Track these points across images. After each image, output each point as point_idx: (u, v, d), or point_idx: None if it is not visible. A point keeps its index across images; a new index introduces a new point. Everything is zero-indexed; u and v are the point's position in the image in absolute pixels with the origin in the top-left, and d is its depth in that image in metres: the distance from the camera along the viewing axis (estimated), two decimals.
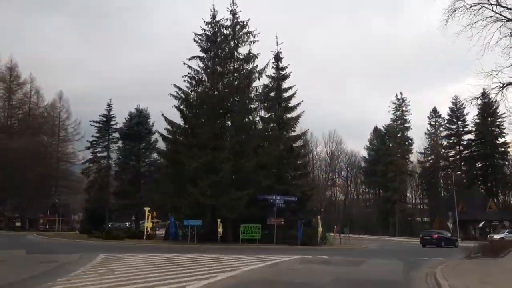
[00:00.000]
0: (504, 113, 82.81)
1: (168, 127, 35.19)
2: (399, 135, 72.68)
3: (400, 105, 72.97)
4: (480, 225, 64.82)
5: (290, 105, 36.47)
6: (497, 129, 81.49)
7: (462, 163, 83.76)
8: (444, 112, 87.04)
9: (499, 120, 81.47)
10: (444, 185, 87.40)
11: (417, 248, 37.39)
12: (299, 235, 33.01)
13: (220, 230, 30.85)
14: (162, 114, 34.95)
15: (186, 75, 34.77)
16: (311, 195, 38.13)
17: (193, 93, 35.02)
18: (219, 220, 30.80)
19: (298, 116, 36.13)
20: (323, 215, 64.77)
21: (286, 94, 36.56)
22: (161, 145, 39.33)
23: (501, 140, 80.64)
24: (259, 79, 34.11)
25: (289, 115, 36.56)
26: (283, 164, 35.64)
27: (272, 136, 34.93)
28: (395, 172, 69.96)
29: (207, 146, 32.44)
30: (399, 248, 37.15)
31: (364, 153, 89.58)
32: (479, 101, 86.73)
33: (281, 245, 32.06)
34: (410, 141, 73.58)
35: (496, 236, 46.08)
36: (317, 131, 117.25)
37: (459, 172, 77.16)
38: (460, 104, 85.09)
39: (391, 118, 74.09)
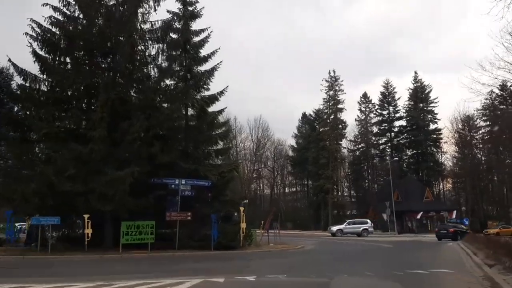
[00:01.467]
0: (436, 97, 79.75)
1: (21, 80, 23.20)
2: (332, 116, 65.05)
3: (333, 84, 65.40)
4: (419, 216, 58.96)
5: (201, 53, 25.97)
6: (429, 115, 77.38)
7: (394, 151, 78.64)
8: (376, 98, 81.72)
9: (432, 105, 77.61)
10: (375, 175, 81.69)
11: (372, 247, 29.00)
12: (212, 235, 22.84)
13: (88, 231, 19.59)
14: (10, 60, 22.92)
15: (48, 4, 23.11)
16: (231, 179, 27.91)
17: (59, 31, 23.35)
18: (86, 216, 19.58)
19: (213, 70, 25.73)
20: (247, 209, 55.72)
21: (196, 39, 26.01)
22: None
23: (433, 126, 76.68)
24: (155, 9, 23.30)
25: (200, 68, 26.10)
26: (191, 133, 25.09)
27: (174, 92, 24.15)
28: (328, 159, 62.31)
29: (72, 104, 21.23)
30: (347, 248, 28.40)
31: (292, 142, 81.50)
32: (411, 85, 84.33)
33: (187, 250, 21.73)
34: (343, 124, 66.25)
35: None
36: (242, 120, 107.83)
37: (396, 158, 71.29)
38: (392, 88, 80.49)
39: (323, 98, 66.26)
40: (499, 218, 63.23)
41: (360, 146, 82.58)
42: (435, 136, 76.20)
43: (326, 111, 66.40)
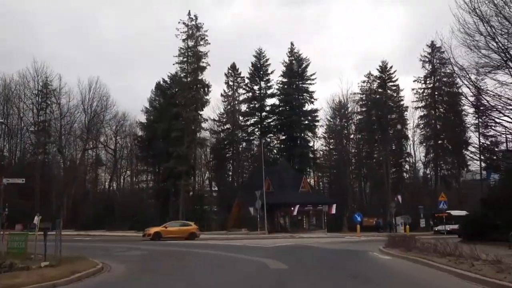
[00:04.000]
0: (314, 73, 69.50)
1: None
2: (190, 77, 49.18)
3: (193, 31, 49.46)
4: (295, 211, 46.39)
5: None
6: (305, 94, 66.55)
7: (264, 134, 66.14)
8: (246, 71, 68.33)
9: (308, 82, 66.90)
10: (241, 162, 68.08)
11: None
12: None
13: None
14: None
15: None
16: None
17: None
18: None
19: None
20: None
21: None
22: None
23: (309, 107, 66.07)
24: None
25: None
26: None
27: None
28: (182, 131, 46.51)
29: None
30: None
31: (142, 118, 63.43)
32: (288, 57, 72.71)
33: None
34: (207, 88, 50.53)
35: None
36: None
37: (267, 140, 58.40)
38: (265, 59, 67.85)
39: (179, 49, 49.58)
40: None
41: (225, 127, 68.41)
42: (310, 118, 65.62)
43: (183, 67, 49.98)
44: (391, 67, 67.49)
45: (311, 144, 67.51)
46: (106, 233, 37.60)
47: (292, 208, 46.63)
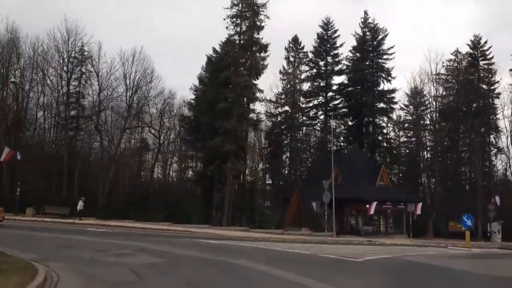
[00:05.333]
0: (392, 46, 58.75)
1: None
2: (244, 35, 40.20)
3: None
4: (372, 209, 36.29)
5: None
6: (382, 73, 55.93)
7: (329, 118, 56.32)
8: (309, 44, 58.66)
9: (385, 57, 56.24)
10: (301, 150, 58.42)
11: None
12: None
13: None
14: None
15: None
16: None
17: None
18: None
19: None
20: None
21: None
22: None
23: (386, 86, 55.48)
24: None
25: None
26: None
27: None
28: (232, 102, 37.77)
29: None
30: None
31: (190, 97, 55.37)
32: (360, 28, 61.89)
33: None
34: (264, 51, 41.16)
35: None
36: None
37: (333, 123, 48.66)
38: (333, 30, 57.88)
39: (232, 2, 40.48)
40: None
41: (283, 109, 59.06)
42: (385, 99, 54.95)
43: (235, 21, 40.71)
44: (485, 42, 55.27)
45: (385, 131, 56.69)
46: (132, 224, 29.76)
47: (368, 206, 36.59)
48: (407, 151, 59.62)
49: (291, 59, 59.63)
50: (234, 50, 39.63)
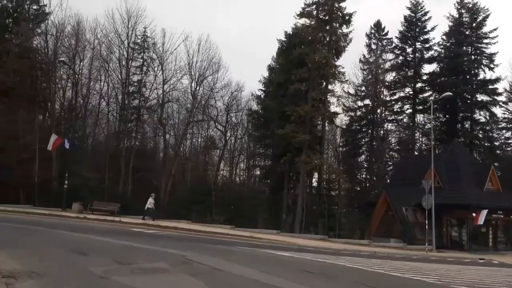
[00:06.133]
0: (496, 29, 50.17)
1: None
2: (321, 9, 34.27)
3: None
4: (481, 219, 28.74)
5: None
6: (483, 60, 47.56)
7: (417, 111, 48.96)
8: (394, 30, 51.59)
9: (486, 42, 47.85)
10: (382, 148, 51.24)
11: None
12: None
13: None
14: None
15: None
16: None
17: None
18: None
19: None
20: None
21: None
22: None
23: (487, 75, 47.07)
24: None
25: None
26: None
27: None
28: (308, 83, 32.06)
29: None
30: None
31: (258, 88, 50.37)
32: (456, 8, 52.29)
33: None
34: (346, 24, 34.91)
35: None
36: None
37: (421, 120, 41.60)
38: (423, 11, 50.38)
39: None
40: None
41: (363, 103, 52.27)
42: (487, 91, 46.53)
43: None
44: None
45: (488, 128, 47.95)
46: (188, 226, 24.98)
47: (475, 214, 29.16)
48: None
49: (373, 46, 52.84)
50: (310, 22, 33.65)
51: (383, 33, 52.35)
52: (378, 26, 52.42)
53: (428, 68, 49.71)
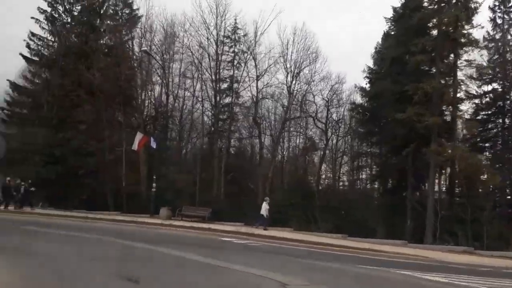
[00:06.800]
0: None
1: None
2: None
3: None
4: None
5: None
6: None
7: None
8: None
9: None
10: None
11: None
12: None
13: None
14: None
15: None
16: None
17: None
18: None
19: None
20: None
21: None
22: None
23: None
24: None
25: None
26: None
27: None
28: (432, 54, 25.79)
29: None
30: None
31: (362, 77, 44.57)
32: None
33: None
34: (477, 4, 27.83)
35: None
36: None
37: None
38: None
39: None
40: None
41: (487, 88, 43.57)
42: None
43: None
44: None
45: None
46: (290, 235, 20.23)
47: None
48: None
49: (498, 21, 44.17)
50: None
51: (510, 5, 43.55)
52: None
53: None
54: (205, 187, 33.60)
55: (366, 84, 43.48)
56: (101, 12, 37.28)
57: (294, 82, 42.42)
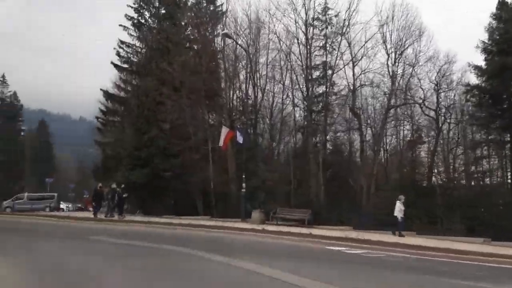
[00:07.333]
0: None
1: None
2: None
3: None
4: None
5: None
6: None
7: None
8: None
9: None
10: None
11: None
12: None
13: None
14: None
15: None
16: None
17: None
18: None
19: None
20: None
21: None
22: None
23: None
24: None
25: None
26: None
27: None
28: None
29: None
30: None
31: (477, 57, 38.05)
32: None
33: None
34: None
35: None
36: None
37: None
38: None
39: None
40: None
41: None
42: None
43: None
44: None
45: None
46: (416, 241, 15.59)
47: None
48: None
49: None
50: None
51: None
52: None
53: None
54: (300, 186, 29.86)
55: (482, 61, 37.09)
56: (182, 5, 35.47)
57: (396, 64, 37.43)
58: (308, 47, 34.71)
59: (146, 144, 29.10)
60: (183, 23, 33.92)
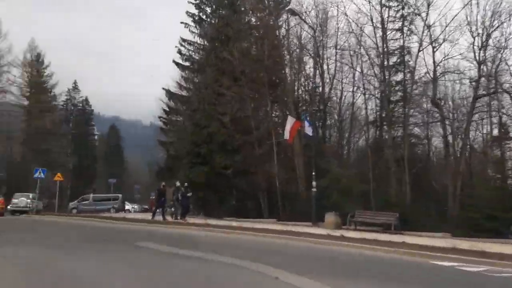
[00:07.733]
0: None
1: None
2: None
3: None
4: None
5: None
6: None
7: None
8: None
9: None
10: None
11: None
12: None
13: None
14: None
15: None
16: None
17: None
18: None
19: None
20: None
21: None
22: None
23: None
24: None
25: None
26: None
27: None
28: None
29: None
30: None
31: None
32: None
33: None
34: None
35: None
36: None
37: None
38: None
39: None
40: None
41: None
42: None
43: None
44: None
45: None
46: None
47: None
48: None
49: None
50: None
51: None
52: None
53: None
54: (379, 186, 26.13)
55: None
56: None
57: (482, 49, 32.52)
58: (384, 29, 30.86)
59: (205, 140, 26.90)
60: (243, 9, 31.42)
